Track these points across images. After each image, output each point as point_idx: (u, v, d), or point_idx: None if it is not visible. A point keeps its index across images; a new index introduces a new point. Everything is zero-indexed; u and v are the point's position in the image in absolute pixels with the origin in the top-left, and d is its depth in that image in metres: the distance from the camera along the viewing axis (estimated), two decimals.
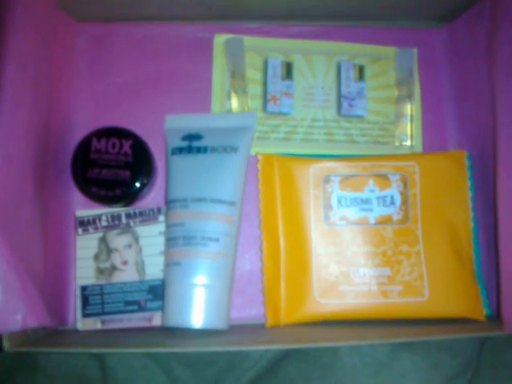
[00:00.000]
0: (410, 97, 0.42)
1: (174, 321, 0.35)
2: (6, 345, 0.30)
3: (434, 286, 0.37)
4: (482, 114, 0.39)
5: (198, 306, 0.35)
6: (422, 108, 0.43)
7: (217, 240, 0.36)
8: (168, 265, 0.36)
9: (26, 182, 0.33)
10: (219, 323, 0.35)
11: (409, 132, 0.42)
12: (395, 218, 0.38)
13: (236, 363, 0.40)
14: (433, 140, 0.43)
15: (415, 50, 0.44)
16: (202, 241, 0.36)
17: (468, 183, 0.39)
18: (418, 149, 0.42)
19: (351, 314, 0.37)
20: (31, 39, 0.34)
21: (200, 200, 0.37)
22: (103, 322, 0.37)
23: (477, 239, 0.39)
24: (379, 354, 0.39)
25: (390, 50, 0.44)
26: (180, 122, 0.40)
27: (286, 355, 0.40)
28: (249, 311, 0.40)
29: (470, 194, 0.39)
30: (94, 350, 0.33)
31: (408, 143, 0.42)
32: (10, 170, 0.32)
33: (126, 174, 0.37)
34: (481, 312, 0.37)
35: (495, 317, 0.38)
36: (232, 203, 0.37)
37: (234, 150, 0.38)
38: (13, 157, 0.32)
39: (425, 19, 0.44)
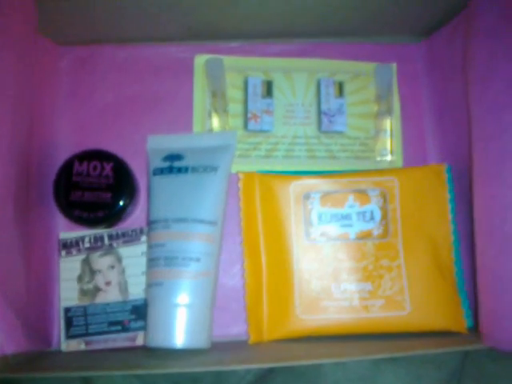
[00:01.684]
0: (389, 111, 0.43)
1: (157, 341, 0.35)
2: None
3: (415, 300, 0.38)
4: (461, 128, 0.40)
5: (180, 326, 0.35)
6: (402, 122, 0.44)
7: (198, 260, 0.36)
8: (150, 285, 0.36)
9: (6, 206, 0.34)
10: (201, 342, 0.36)
11: (389, 147, 0.42)
12: (375, 232, 0.39)
13: (222, 379, 0.40)
14: (413, 154, 0.43)
15: (394, 65, 0.44)
16: (183, 261, 0.36)
17: (448, 196, 0.40)
18: (399, 163, 0.43)
19: (334, 330, 0.38)
20: (9, 66, 0.34)
21: (181, 220, 0.37)
22: (87, 343, 0.38)
23: (458, 252, 0.39)
24: (362, 369, 0.39)
25: (369, 66, 0.44)
26: (162, 143, 0.41)
27: (271, 370, 0.40)
28: (232, 328, 0.40)
29: (450, 206, 0.39)
30: (76, 374, 0.33)
31: (388, 158, 0.42)
32: None
33: (108, 196, 0.38)
34: (462, 324, 0.38)
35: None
36: (213, 223, 0.37)
37: (214, 169, 0.38)
38: None
39: (404, 35, 0.45)
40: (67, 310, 0.38)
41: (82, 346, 0.38)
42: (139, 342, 0.38)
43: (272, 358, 0.35)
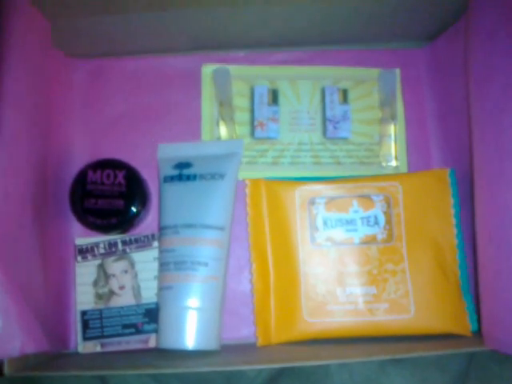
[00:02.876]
0: (393, 117, 0.44)
1: (168, 343, 0.37)
2: (6, 370, 0.32)
3: (419, 303, 0.38)
4: (464, 132, 0.40)
5: (189, 328, 0.36)
6: (406, 127, 0.44)
7: (206, 264, 0.38)
8: (161, 289, 0.38)
9: (25, 214, 0.36)
10: (211, 344, 0.37)
11: (393, 152, 0.43)
12: (379, 237, 0.40)
13: (233, 382, 0.42)
14: (418, 159, 0.44)
15: (398, 71, 0.45)
16: (192, 265, 0.38)
17: (452, 200, 0.40)
18: (404, 168, 0.43)
19: (339, 333, 0.39)
20: (27, 80, 0.36)
21: (189, 226, 0.38)
22: (103, 345, 0.39)
23: (463, 255, 0.40)
24: (368, 371, 0.40)
25: (373, 72, 0.45)
26: (171, 151, 0.42)
27: (280, 374, 0.41)
28: (242, 331, 0.41)
29: (453, 211, 0.40)
30: (92, 373, 0.35)
31: (393, 163, 0.43)
32: (7, 204, 0.34)
33: (120, 203, 0.39)
34: (466, 327, 0.38)
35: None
36: (220, 228, 0.39)
37: (222, 176, 0.40)
38: (11, 192, 0.34)
39: (407, 40, 0.46)
40: (83, 313, 0.40)
41: (98, 348, 0.39)
42: (152, 344, 0.39)
43: (279, 360, 0.37)
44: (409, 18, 0.42)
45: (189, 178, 0.40)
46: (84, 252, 0.41)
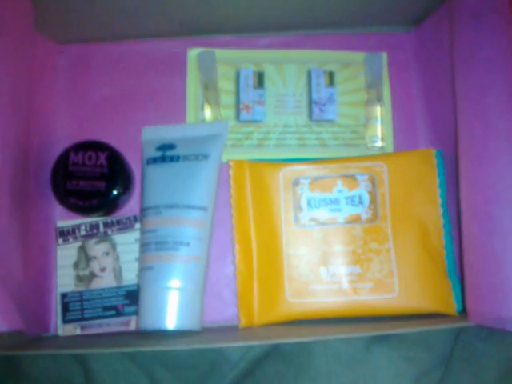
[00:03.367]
0: (379, 99, 0.43)
1: (148, 323, 0.36)
2: None
3: (404, 283, 0.38)
4: (451, 114, 0.40)
5: (170, 308, 0.36)
6: (392, 110, 0.44)
7: (188, 244, 0.37)
8: (141, 269, 0.37)
9: (2, 197, 0.35)
10: (192, 324, 0.36)
11: (379, 133, 0.43)
12: (364, 216, 0.39)
13: (217, 366, 0.41)
14: (404, 141, 0.44)
15: (384, 54, 0.45)
16: (174, 245, 0.37)
17: (437, 180, 0.40)
18: (390, 149, 0.43)
19: (323, 313, 0.38)
20: (5, 62, 0.36)
21: (172, 206, 0.38)
22: (83, 328, 0.39)
23: (449, 236, 0.39)
24: (353, 351, 0.39)
25: (359, 56, 0.45)
26: (155, 134, 0.42)
27: (263, 357, 0.40)
28: (225, 314, 0.40)
29: (439, 190, 0.40)
30: (70, 351, 0.34)
31: (379, 144, 0.43)
32: None
33: (102, 184, 0.39)
34: (452, 306, 0.37)
35: None
36: (203, 208, 0.38)
37: (205, 157, 0.39)
38: None
39: (393, 24, 0.45)
40: (64, 295, 0.39)
41: (78, 331, 0.39)
42: (132, 326, 0.39)
43: (262, 338, 0.36)
44: (394, 1, 0.42)
45: (172, 159, 0.40)
46: (65, 234, 0.40)
